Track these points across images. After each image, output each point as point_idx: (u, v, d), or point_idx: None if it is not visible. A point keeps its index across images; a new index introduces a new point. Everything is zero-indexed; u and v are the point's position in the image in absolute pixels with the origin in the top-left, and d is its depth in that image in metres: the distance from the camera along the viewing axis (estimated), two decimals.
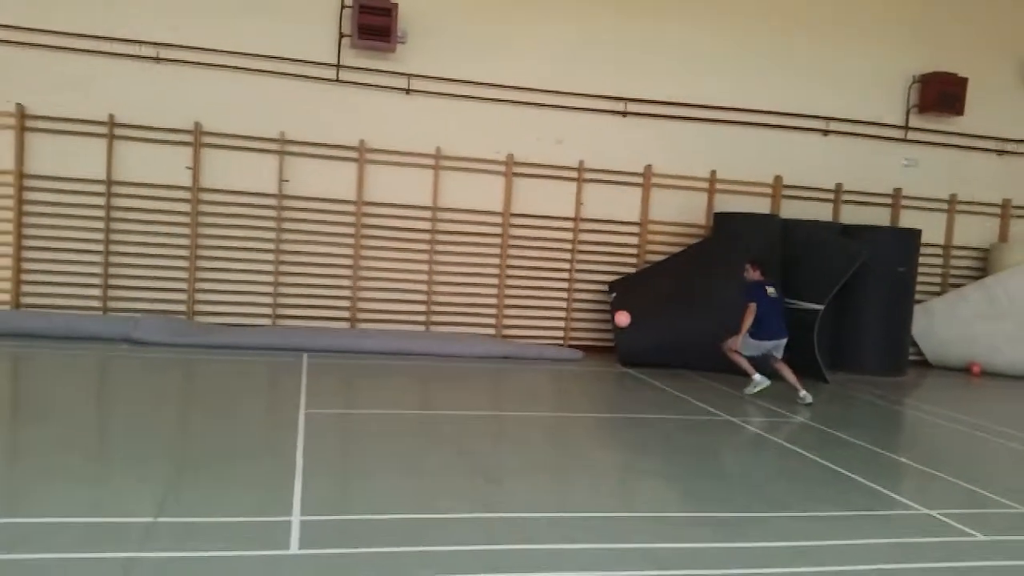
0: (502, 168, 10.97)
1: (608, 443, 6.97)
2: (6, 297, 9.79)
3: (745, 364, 8.57)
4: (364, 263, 10.69)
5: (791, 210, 11.62)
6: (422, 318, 10.90)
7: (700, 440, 6.89)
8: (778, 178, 11.80)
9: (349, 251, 10.62)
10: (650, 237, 11.50)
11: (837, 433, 7.25)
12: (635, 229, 11.49)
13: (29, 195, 9.79)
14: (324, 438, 6.13)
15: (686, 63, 11.36)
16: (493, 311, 11.12)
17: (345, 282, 10.67)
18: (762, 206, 11.67)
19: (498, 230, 11.03)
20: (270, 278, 10.44)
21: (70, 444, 5.69)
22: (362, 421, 6.96)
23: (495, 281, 11.09)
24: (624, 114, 11.27)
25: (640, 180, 11.42)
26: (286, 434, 6.09)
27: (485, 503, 4.90)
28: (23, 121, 9.64)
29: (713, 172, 11.61)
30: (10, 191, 9.70)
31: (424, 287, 10.89)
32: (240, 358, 9.08)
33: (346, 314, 10.68)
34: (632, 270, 11.28)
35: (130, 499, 4.52)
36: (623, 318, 9.21)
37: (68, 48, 9.68)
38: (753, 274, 8.57)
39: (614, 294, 10.63)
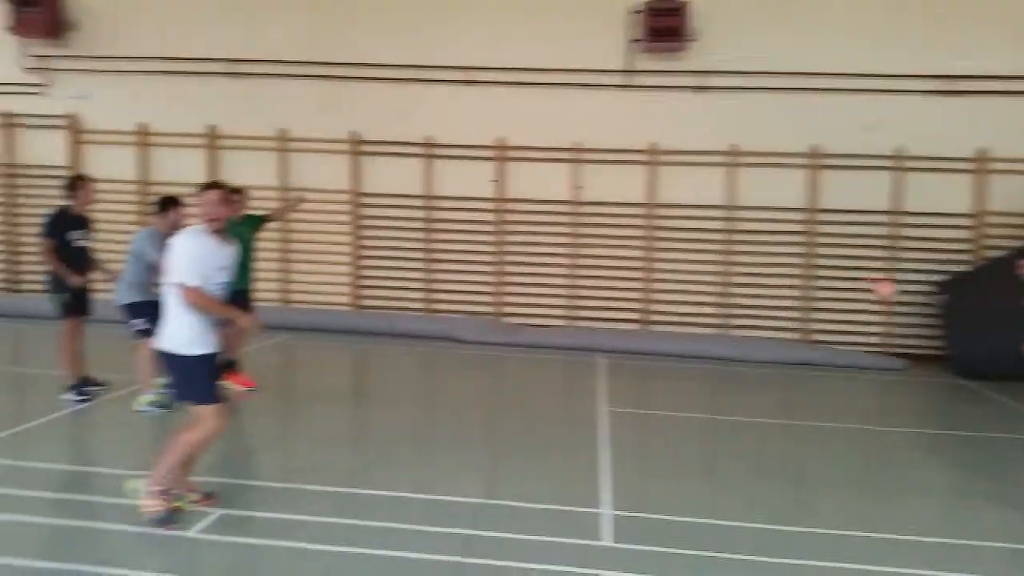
0: (805, 161, 10.46)
1: (937, 462, 6.36)
2: (346, 300, 11.47)
3: None
4: (656, 265, 10.84)
5: None
6: (716, 320, 10.77)
7: None
8: None
9: (641, 253, 10.85)
10: (987, 231, 10.21)
11: None
12: (967, 222, 10.28)
13: (363, 211, 11.38)
14: (625, 436, 6.38)
15: (1019, 30, 9.90)
16: (797, 313, 10.64)
17: (637, 284, 10.91)
18: None
19: (801, 227, 10.54)
20: (566, 281, 11.03)
21: (405, 428, 6.58)
22: (661, 422, 7.11)
23: (798, 282, 10.60)
24: (948, 93, 10.14)
25: (971, 166, 10.20)
26: (589, 430, 6.45)
27: (793, 516, 4.79)
28: (356, 147, 11.23)
29: None
30: (347, 208, 11.35)
31: (719, 288, 10.75)
32: (541, 356, 9.74)
33: (638, 316, 10.92)
34: (966, 268, 10.09)
35: (459, 481, 5.11)
36: (886, 288, 8.03)
37: (390, 79, 11.08)
38: None
39: (945, 296, 9.61)
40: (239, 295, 7.33)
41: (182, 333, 4.30)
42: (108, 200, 10.89)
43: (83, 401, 6.71)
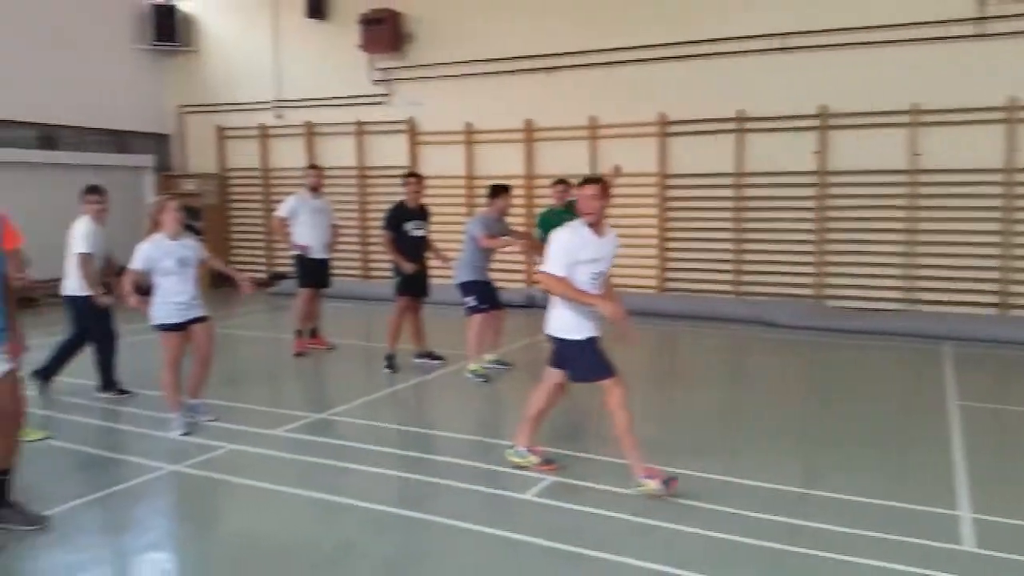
0: None
1: None
2: (652, 282, 11.53)
3: None
4: (1019, 239, 9.37)
5: None
6: None
7: None
8: None
9: (999, 226, 9.45)
10: None
11: None
12: None
13: (669, 192, 11.35)
14: (983, 434, 5.67)
15: None
16: None
17: (993, 262, 9.52)
18: None
19: None
20: (902, 260, 9.99)
21: (718, 411, 6.44)
22: None
23: None
24: None
25: None
26: (935, 424, 5.81)
27: None
28: (664, 128, 11.19)
29: None
30: (654, 190, 11.38)
31: None
32: (872, 343, 8.96)
33: (996, 299, 9.53)
34: None
35: (779, 469, 4.89)
36: None
37: (697, 55, 10.88)
38: None
39: None
40: None
41: (563, 320, 4.64)
42: (440, 193, 12.10)
43: (392, 371, 7.63)
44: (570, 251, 4.51)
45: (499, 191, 7.41)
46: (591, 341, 4.63)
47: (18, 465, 4.17)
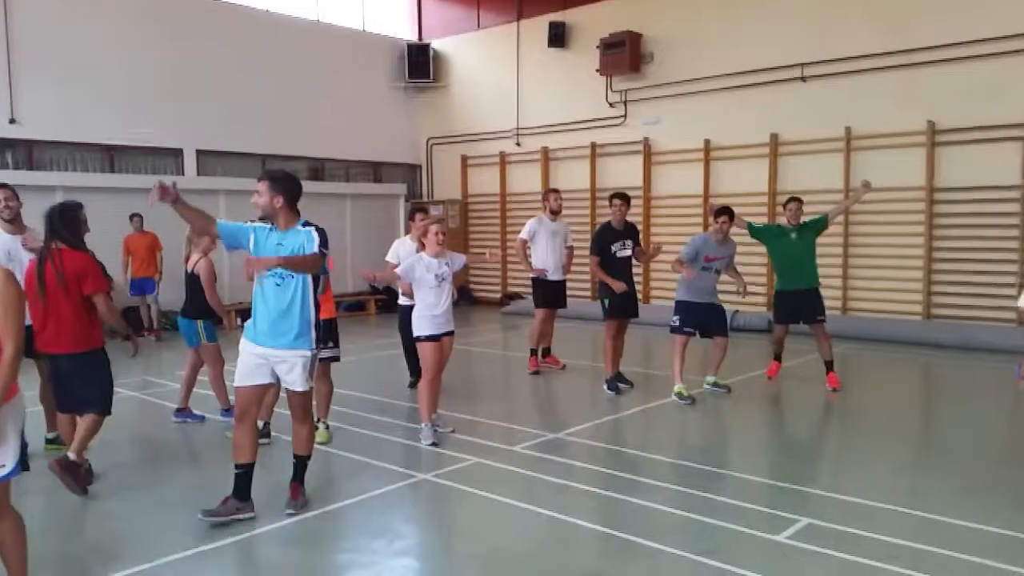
0: None
1: None
2: (918, 308, 10.43)
3: None
4: None
5: None
6: None
7: None
8: None
9: None
10: None
11: None
12: None
13: (938, 208, 10.24)
14: None
15: None
16: None
17: None
18: None
19: None
20: None
21: (1001, 455, 5.58)
22: None
23: None
24: None
25: None
26: None
27: None
28: (933, 137, 10.14)
29: None
30: (919, 206, 10.33)
31: None
32: None
33: None
34: None
35: None
36: None
37: (972, 57, 9.76)
38: None
39: None
40: (810, 294, 7.50)
41: None
42: (676, 213, 11.88)
43: (616, 393, 7.58)
44: None
45: (718, 213, 7.24)
46: None
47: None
